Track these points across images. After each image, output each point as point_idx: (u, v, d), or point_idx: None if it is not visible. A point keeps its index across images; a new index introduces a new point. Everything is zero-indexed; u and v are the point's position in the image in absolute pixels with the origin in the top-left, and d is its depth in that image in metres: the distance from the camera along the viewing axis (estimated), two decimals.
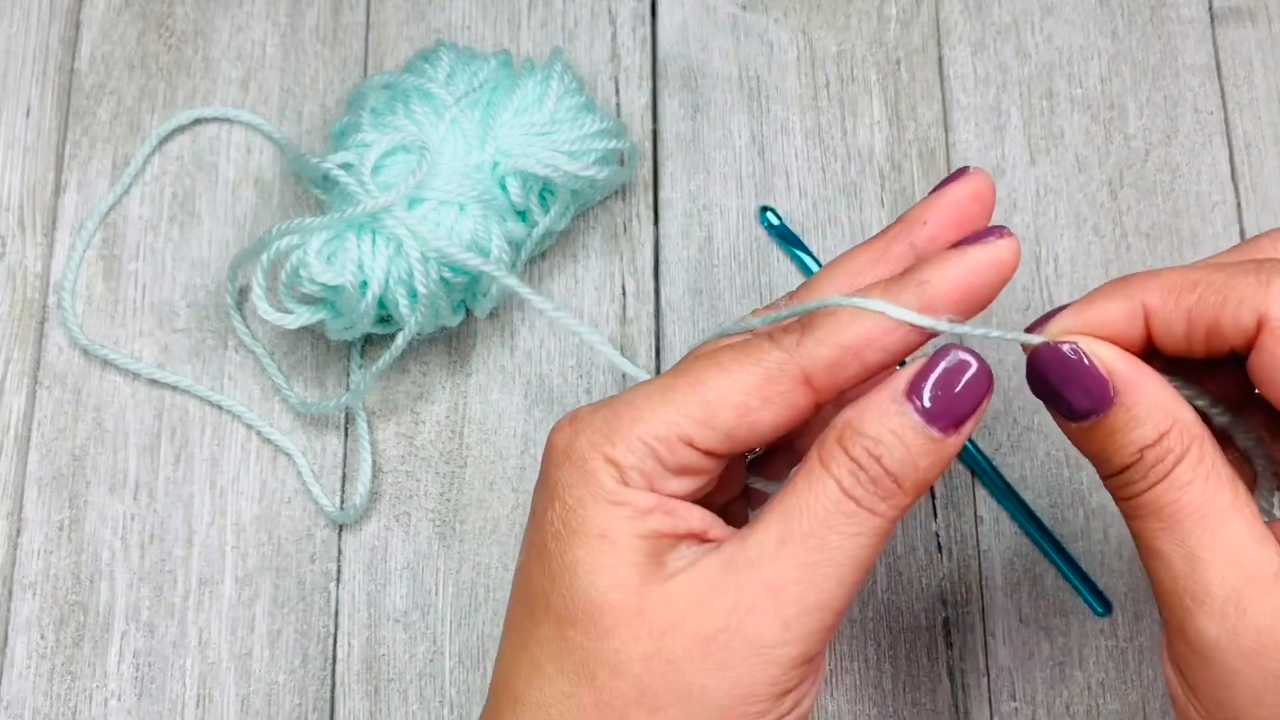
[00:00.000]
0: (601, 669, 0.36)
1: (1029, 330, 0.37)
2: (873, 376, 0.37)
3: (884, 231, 0.39)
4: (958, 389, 0.36)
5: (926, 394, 0.36)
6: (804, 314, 0.37)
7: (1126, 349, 0.36)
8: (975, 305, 0.36)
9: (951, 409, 0.36)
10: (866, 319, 0.36)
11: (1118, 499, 0.37)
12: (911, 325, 0.36)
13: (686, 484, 0.38)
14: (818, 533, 0.36)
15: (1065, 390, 0.36)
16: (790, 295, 0.40)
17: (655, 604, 0.36)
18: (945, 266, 0.36)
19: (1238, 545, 0.35)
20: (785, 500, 0.36)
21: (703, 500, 0.39)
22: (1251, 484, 0.38)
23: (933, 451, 0.36)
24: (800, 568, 0.36)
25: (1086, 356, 0.36)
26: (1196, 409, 0.36)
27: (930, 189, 0.39)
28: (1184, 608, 0.35)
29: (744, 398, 0.37)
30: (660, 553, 0.37)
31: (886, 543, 0.37)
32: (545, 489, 0.38)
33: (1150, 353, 0.37)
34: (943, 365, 0.36)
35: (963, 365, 0.36)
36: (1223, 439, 0.38)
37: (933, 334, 0.36)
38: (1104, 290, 0.37)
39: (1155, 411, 0.35)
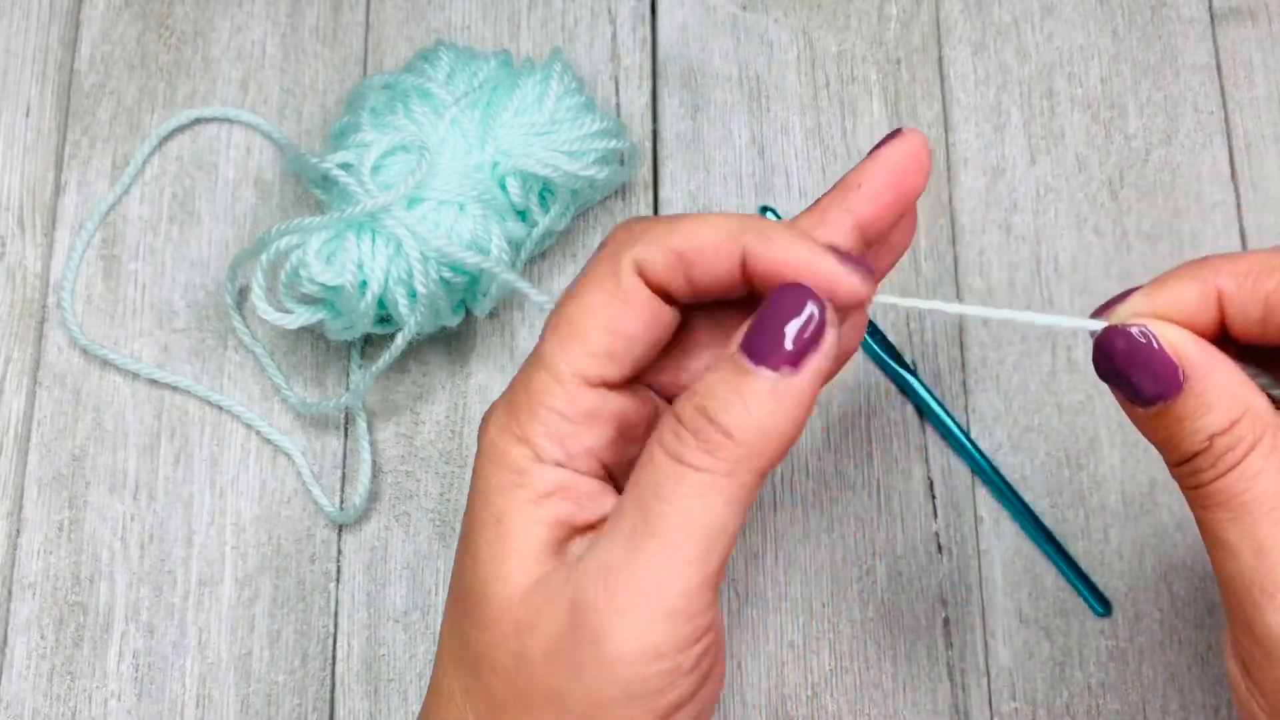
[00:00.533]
0: (484, 665, 0.35)
1: (1096, 314, 0.36)
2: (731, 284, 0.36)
3: (819, 200, 0.38)
4: (788, 324, 0.34)
5: (748, 334, 0.34)
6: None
7: (1198, 334, 0.35)
8: (902, 196, 0.36)
9: (779, 344, 0.34)
10: (706, 228, 0.35)
11: (1184, 487, 0.36)
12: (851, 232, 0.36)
13: (603, 431, 0.36)
14: (649, 506, 0.34)
15: (1133, 375, 0.35)
16: None
17: (526, 600, 0.34)
18: (866, 170, 0.36)
19: None
20: (633, 473, 0.35)
21: None
22: None
23: (771, 394, 0.34)
24: (634, 552, 0.34)
25: (1156, 340, 0.34)
26: (1271, 397, 0.35)
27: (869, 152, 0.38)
28: (1252, 601, 0.34)
29: (605, 313, 0.36)
30: (561, 543, 0.35)
31: (748, 509, 0.35)
32: (470, 483, 0.37)
33: (1223, 339, 0.36)
34: (768, 303, 0.34)
35: (791, 298, 0.34)
36: None
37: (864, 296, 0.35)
38: (1178, 272, 0.36)
39: (1226, 398, 0.34)
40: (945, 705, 0.49)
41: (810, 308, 0.34)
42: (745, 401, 0.34)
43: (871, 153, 0.38)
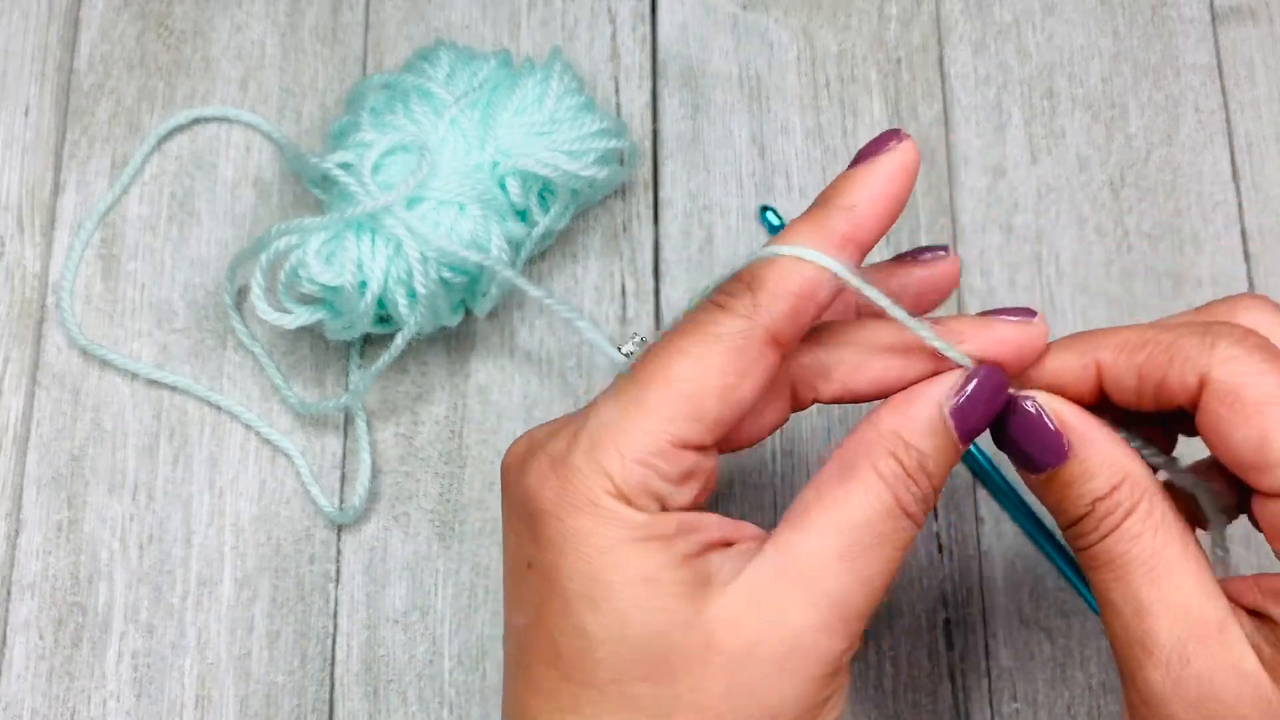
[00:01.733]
0: (679, 712, 0.35)
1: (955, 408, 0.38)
2: (824, 311, 0.37)
3: (813, 214, 0.38)
4: (987, 404, 0.37)
5: (967, 408, 0.37)
6: (746, 275, 0.37)
7: (1080, 402, 0.37)
8: (896, 211, 0.37)
9: (979, 423, 0.37)
10: (807, 262, 0.36)
11: (1074, 550, 0.38)
12: (843, 245, 0.37)
13: (692, 489, 0.37)
14: (878, 546, 0.36)
15: (1024, 444, 0.37)
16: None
17: (723, 633, 0.35)
18: (863, 184, 0.37)
19: (1185, 597, 0.35)
20: (838, 510, 0.36)
21: None
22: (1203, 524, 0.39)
23: (953, 459, 0.37)
24: (860, 582, 0.36)
25: (1045, 412, 0.37)
26: (1147, 461, 0.37)
27: (857, 155, 0.39)
28: (1134, 657, 0.36)
29: (722, 379, 0.36)
30: (700, 574, 0.36)
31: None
32: (547, 543, 0.36)
33: (1103, 405, 0.38)
34: (982, 383, 0.37)
35: (998, 383, 0.37)
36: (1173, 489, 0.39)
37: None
38: (1060, 344, 0.38)
39: (1107, 465, 0.37)
40: (946, 706, 0.49)
41: (1006, 395, 0.37)
42: (945, 466, 0.37)
43: (863, 159, 0.38)
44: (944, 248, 0.41)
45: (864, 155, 0.38)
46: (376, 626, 0.50)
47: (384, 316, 0.51)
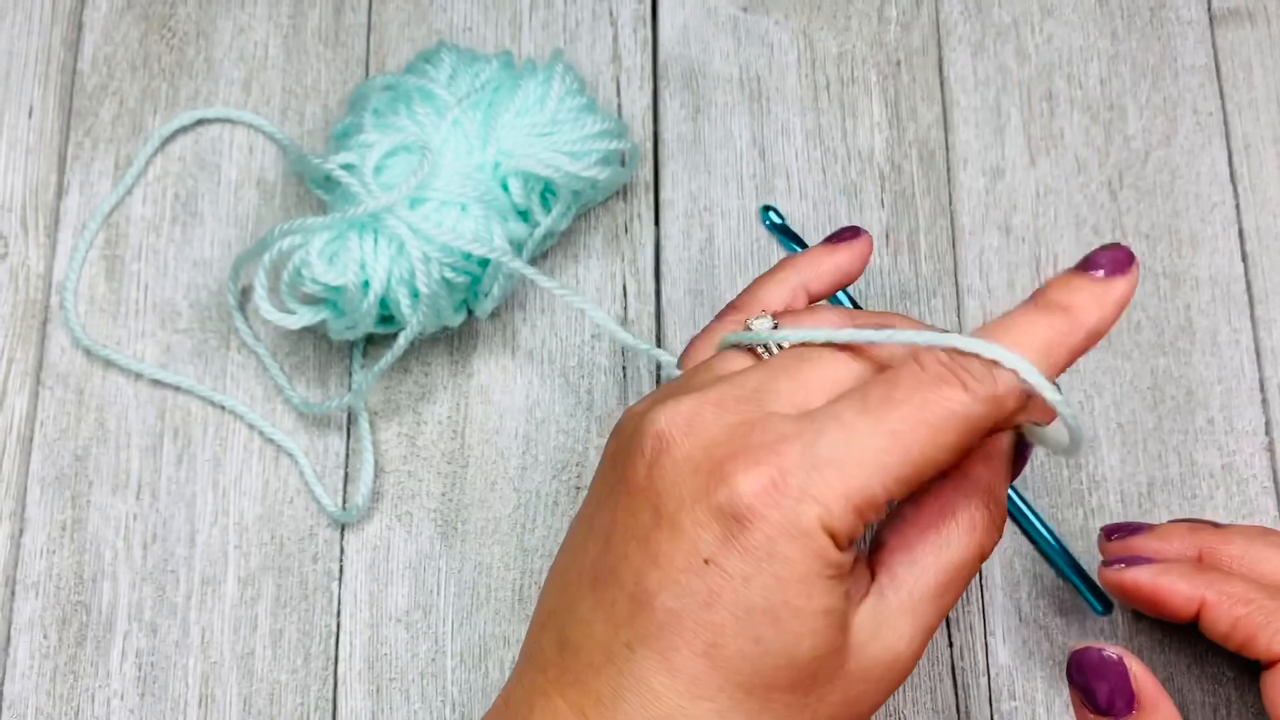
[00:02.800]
0: (800, 717, 0.39)
1: (1105, 565, 0.47)
2: None
3: (782, 279, 0.45)
4: (1025, 461, 0.44)
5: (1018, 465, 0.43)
6: (985, 362, 0.37)
7: (1175, 618, 0.45)
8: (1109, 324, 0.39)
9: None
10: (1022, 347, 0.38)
11: None
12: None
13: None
14: (961, 583, 0.41)
15: (1095, 684, 0.42)
16: (778, 314, 0.43)
17: (853, 656, 0.39)
18: (819, 274, 0.45)
19: None
20: (941, 552, 0.40)
21: None
22: None
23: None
24: (941, 613, 0.41)
25: (1126, 665, 0.42)
26: None
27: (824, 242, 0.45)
28: None
29: (948, 455, 0.37)
30: (849, 603, 0.39)
31: None
32: (744, 553, 0.37)
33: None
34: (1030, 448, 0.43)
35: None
36: None
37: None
38: (1178, 570, 0.45)
39: None
40: (946, 704, 0.49)
41: None
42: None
43: (827, 246, 0.46)
44: (855, 229, 0.47)
45: (830, 242, 0.47)
46: (379, 625, 0.50)
47: (386, 316, 0.51)
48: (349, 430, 0.53)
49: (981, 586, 0.51)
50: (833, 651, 0.38)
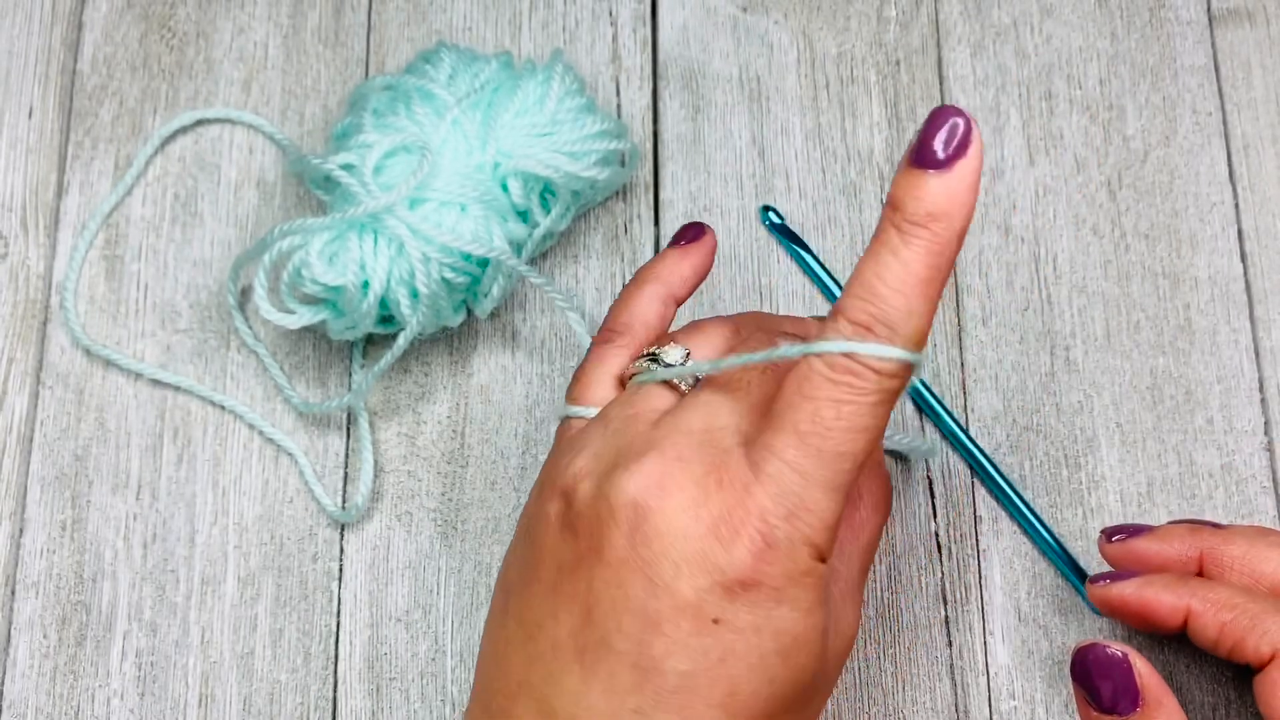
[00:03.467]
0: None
1: (1091, 582, 0.47)
2: None
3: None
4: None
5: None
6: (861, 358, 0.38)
7: (1163, 629, 0.45)
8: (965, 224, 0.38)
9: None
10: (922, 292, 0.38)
11: None
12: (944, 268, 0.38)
13: None
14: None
15: (1100, 682, 0.43)
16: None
17: (829, 661, 0.41)
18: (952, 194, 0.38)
19: None
20: (860, 540, 0.43)
21: None
22: None
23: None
24: (864, 586, 0.44)
25: (1132, 662, 0.43)
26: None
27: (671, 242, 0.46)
28: None
29: (878, 433, 0.39)
30: None
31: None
32: (753, 606, 0.38)
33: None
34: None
35: (940, 117, 0.38)
36: None
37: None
38: (1162, 583, 0.45)
39: None
40: (945, 704, 0.49)
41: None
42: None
43: (679, 250, 0.47)
44: (698, 226, 0.47)
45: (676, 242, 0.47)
46: (379, 625, 0.51)
47: (386, 317, 0.51)
48: (349, 430, 0.53)
49: (981, 586, 0.51)
50: (823, 662, 0.40)
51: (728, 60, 0.57)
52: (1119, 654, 0.43)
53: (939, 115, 0.37)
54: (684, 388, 0.43)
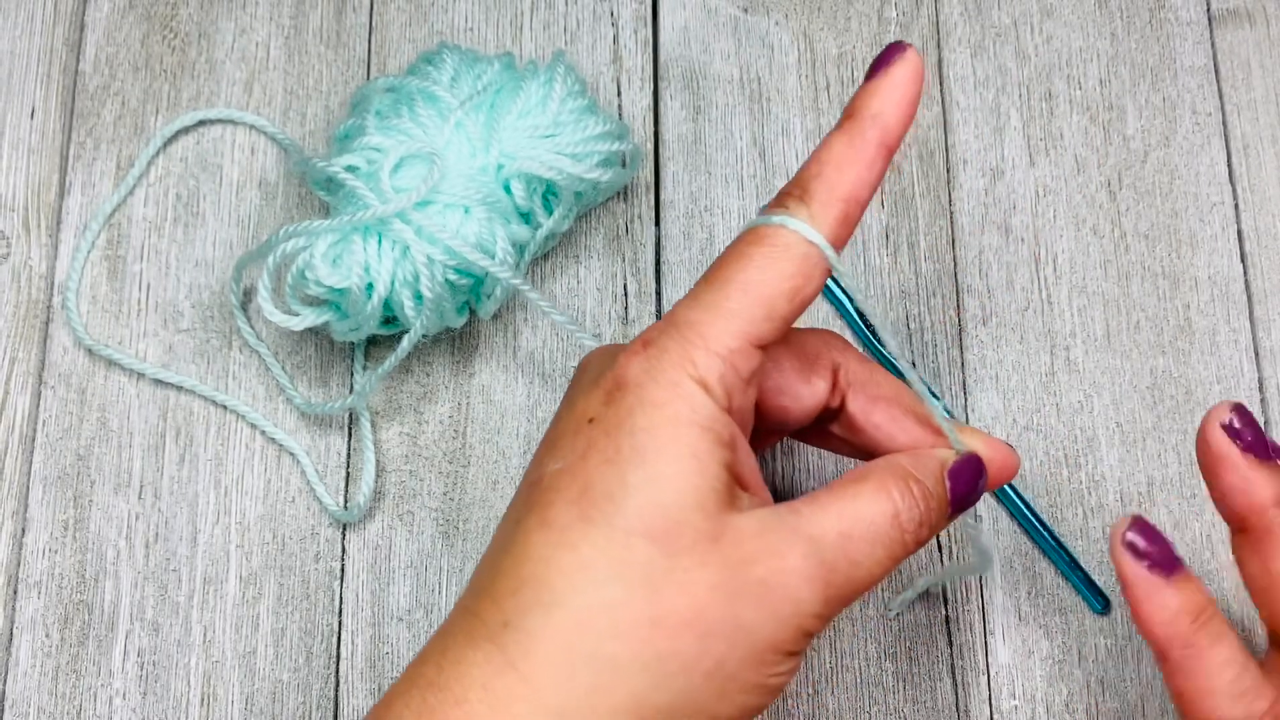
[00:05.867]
0: (668, 585, 0.37)
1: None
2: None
3: (846, 126, 0.41)
4: (971, 480, 0.42)
5: (958, 473, 0.42)
6: (797, 189, 0.40)
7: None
8: (913, 114, 0.41)
9: (964, 493, 0.42)
10: (851, 169, 0.40)
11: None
12: (879, 150, 0.41)
13: (751, 395, 0.41)
14: (872, 541, 0.39)
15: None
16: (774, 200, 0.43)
17: (731, 538, 0.38)
18: (886, 95, 0.41)
19: None
20: (851, 502, 0.40)
21: None
22: None
23: (942, 518, 0.41)
24: (850, 562, 0.39)
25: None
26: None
27: (868, 72, 0.42)
28: None
29: (791, 281, 0.40)
30: (729, 485, 0.39)
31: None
32: (619, 403, 0.39)
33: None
34: (972, 463, 0.42)
35: (980, 469, 0.42)
36: None
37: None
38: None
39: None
40: (945, 704, 0.50)
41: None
42: (937, 516, 0.42)
43: (878, 72, 0.42)
44: (899, 46, 0.42)
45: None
46: (381, 624, 0.51)
47: (389, 318, 0.51)
48: (350, 430, 0.53)
49: (981, 586, 0.51)
50: (702, 513, 0.38)
51: (729, 61, 0.57)
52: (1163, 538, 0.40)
53: (887, 48, 0.41)
54: None
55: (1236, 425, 0.41)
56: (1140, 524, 0.41)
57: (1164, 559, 0.41)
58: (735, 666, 0.38)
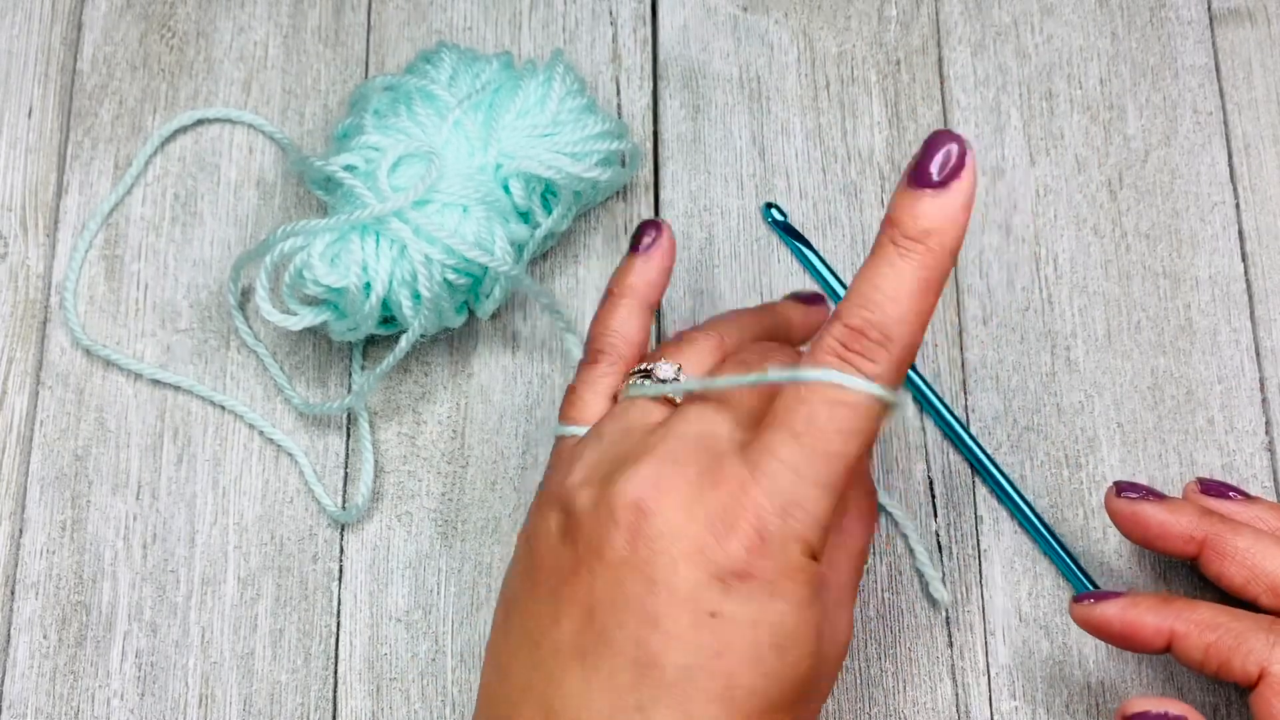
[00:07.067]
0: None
1: (1075, 601, 0.46)
2: None
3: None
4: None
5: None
6: (881, 328, 0.39)
7: (1146, 650, 0.45)
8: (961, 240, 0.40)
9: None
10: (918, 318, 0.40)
11: None
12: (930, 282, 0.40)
13: None
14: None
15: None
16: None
17: (824, 664, 0.42)
18: (945, 223, 0.40)
19: None
20: (848, 548, 0.43)
21: None
22: None
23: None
24: (856, 595, 0.44)
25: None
26: None
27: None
28: None
29: (868, 438, 0.39)
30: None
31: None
32: (747, 599, 0.39)
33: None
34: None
35: (937, 141, 0.39)
36: None
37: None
38: (1145, 605, 0.45)
39: None
40: (945, 704, 0.49)
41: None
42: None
43: (642, 255, 0.47)
44: (654, 224, 0.48)
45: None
46: (379, 625, 0.51)
47: (388, 318, 0.51)
48: (349, 430, 0.53)
49: (981, 586, 0.51)
50: (818, 661, 0.40)
51: (728, 60, 0.57)
52: (1177, 716, 0.43)
53: (936, 139, 0.39)
54: (678, 400, 0.43)
55: (1126, 487, 0.47)
56: (1121, 482, 0.47)
57: (1155, 493, 0.47)
58: (838, 656, 0.42)
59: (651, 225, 0.48)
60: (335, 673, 0.50)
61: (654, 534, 0.39)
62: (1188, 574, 0.51)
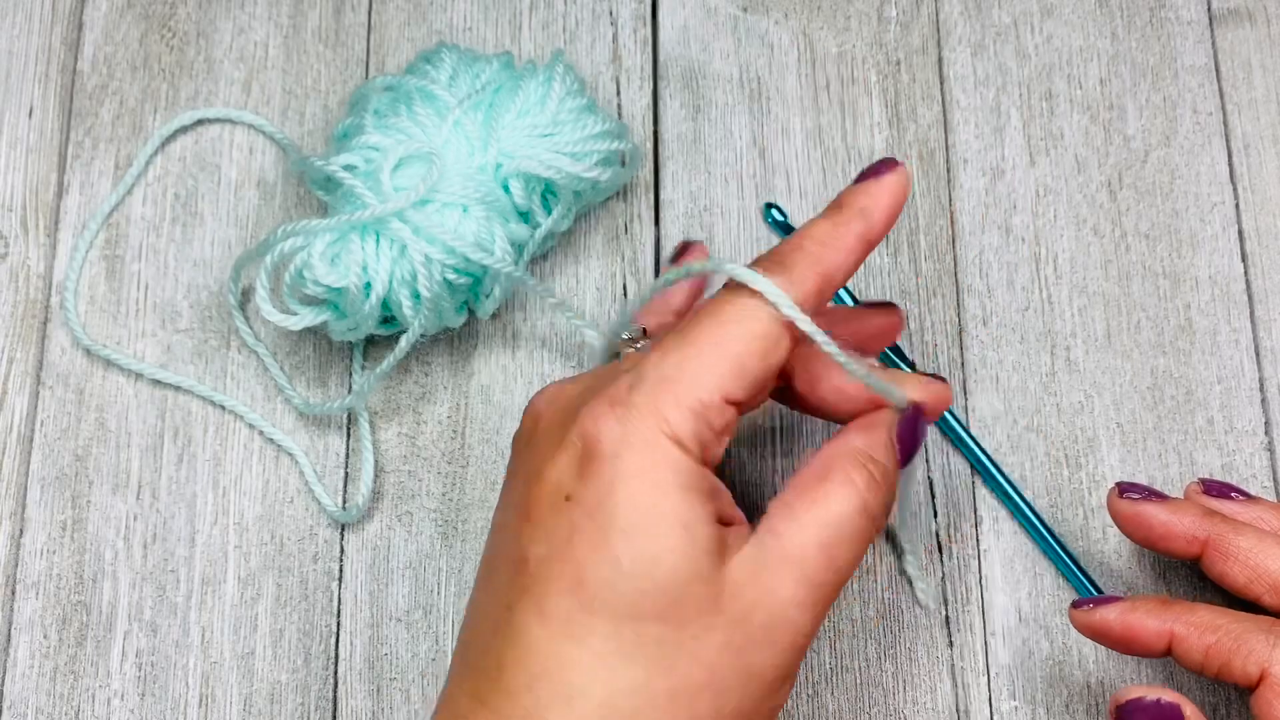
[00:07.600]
0: (681, 658, 0.38)
1: (1074, 606, 0.46)
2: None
3: (833, 214, 0.43)
4: (914, 435, 0.43)
5: (903, 434, 0.43)
6: (777, 256, 0.41)
7: (1147, 653, 0.45)
8: (894, 218, 0.43)
9: (910, 449, 0.43)
10: (831, 250, 0.41)
11: None
12: (859, 240, 0.42)
13: (724, 444, 0.41)
14: (848, 540, 0.40)
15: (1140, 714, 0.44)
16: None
17: (730, 593, 0.39)
18: (874, 194, 0.42)
19: None
20: (822, 506, 0.40)
21: None
22: None
23: (896, 477, 0.42)
24: (833, 571, 0.40)
25: (1183, 714, 0.43)
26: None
27: (859, 176, 0.44)
28: None
29: (764, 342, 0.40)
30: (719, 537, 0.39)
31: None
32: (596, 476, 0.38)
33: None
34: (912, 419, 0.43)
35: (920, 418, 0.43)
36: None
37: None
38: (1144, 608, 0.45)
39: None
40: (945, 704, 0.49)
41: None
42: (892, 473, 0.43)
43: (868, 177, 0.44)
44: (890, 304, 0.48)
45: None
46: (380, 625, 0.51)
47: (388, 318, 0.51)
48: (349, 430, 0.53)
49: (981, 586, 0.51)
50: (698, 577, 0.38)
51: (728, 60, 0.57)
52: (1170, 703, 0.43)
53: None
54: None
55: (1128, 488, 0.47)
56: (1123, 483, 0.47)
57: (1157, 494, 0.47)
58: (751, 707, 0.39)
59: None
60: (335, 673, 0.50)
61: (539, 433, 0.41)
62: (1188, 574, 0.51)
